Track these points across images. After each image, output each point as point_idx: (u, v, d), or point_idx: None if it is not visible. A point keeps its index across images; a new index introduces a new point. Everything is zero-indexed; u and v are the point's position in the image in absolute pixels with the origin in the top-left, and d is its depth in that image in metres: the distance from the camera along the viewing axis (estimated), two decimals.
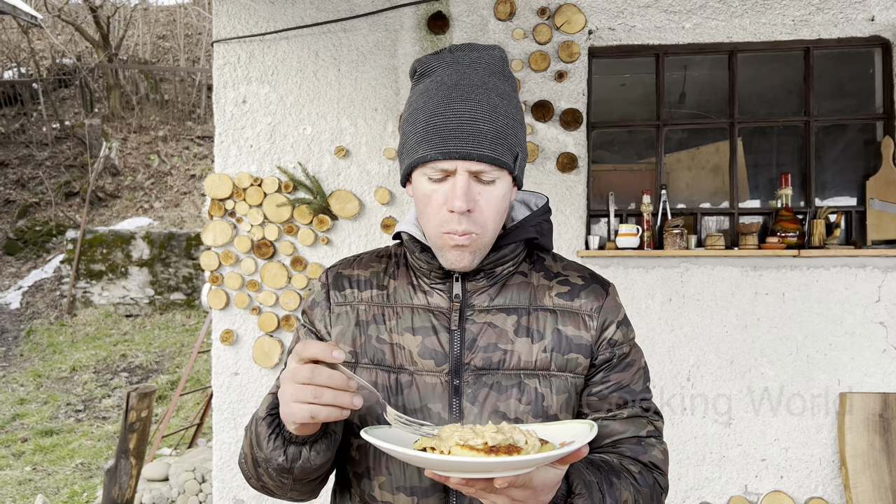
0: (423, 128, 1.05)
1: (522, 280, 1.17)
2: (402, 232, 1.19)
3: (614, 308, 1.18)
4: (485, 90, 1.06)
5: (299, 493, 1.10)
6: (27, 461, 5.83)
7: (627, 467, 1.09)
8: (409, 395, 1.09)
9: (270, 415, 1.01)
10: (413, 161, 1.07)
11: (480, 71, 1.08)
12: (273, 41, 3.61)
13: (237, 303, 3.61)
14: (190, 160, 12.20)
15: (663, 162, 3.63)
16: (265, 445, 1.01)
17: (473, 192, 1.05)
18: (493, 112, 1.05)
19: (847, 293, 3.36)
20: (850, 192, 3.64)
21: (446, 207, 1.05)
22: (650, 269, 3.46)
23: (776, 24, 3.42)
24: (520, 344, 1.11)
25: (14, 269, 10.62)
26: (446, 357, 1.11)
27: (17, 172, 11.97)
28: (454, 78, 1.07)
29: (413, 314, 1.14)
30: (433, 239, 1.10)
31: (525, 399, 1.09)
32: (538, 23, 3.47)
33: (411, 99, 1.12)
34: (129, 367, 8.12)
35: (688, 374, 3.44)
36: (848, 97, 3.70)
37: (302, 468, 1.01)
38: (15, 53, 14.36)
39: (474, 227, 1.06)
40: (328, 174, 3.59)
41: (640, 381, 1.18)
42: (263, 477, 1.07)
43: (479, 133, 1.03)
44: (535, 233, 1.17)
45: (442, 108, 1.04)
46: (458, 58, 1.09)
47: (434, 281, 1.15)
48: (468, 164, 1.03)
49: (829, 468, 3.39)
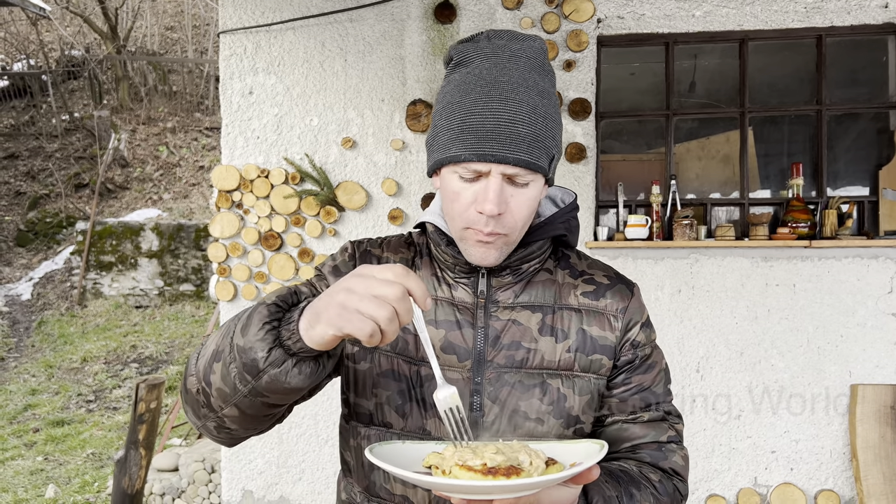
0: (458, 125, 1.00)
1: (548, 277, 1.15)
2: (426, 223, 1.16)
3: (639, 309, 1.16)
4: (525, 88, 1.00)
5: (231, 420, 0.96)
6: (39, 451, 5.87)
7: (647, 475, 1.07)
8: (428, 388, 1.07)
9: (278, 305, 0.90)
10: (445, 158, 1.02)
11: (521, 66, 1.02)
12: (279, 31, 3.59)
13: (245, 294, 3.61)
14: (198, 151, 12.22)
15: (673, 152, 3.59)
16: (252, 331, 0.87)
17: (506, 194, 1.01)
18: (532, 113, 0.99)
19: (859, 284, 3.32)
20: (863, 182, 3.59)
21: (475, 207, 1.01)
22: (659, 260, 3.43)
23: (788, 11, 3.38)
24: (543, 343, 1.09)
25: (25, 260, 10.68)
26: (469, 353, 1.09)
27: (28, 164, 12.02)
28: (493, 73, 1.01)
29: (437, 307, 1.12)
30: (457, 233, 1.07)
31: (547, 399, 1.07)
32: (546, 11, 3.44)
33: (446, 89, 1.06)
34: (139, 358, 8.16)
35: (697, 365, 3.42)
36: (861, 85, 3.65)
37: (271, 379, 0.86)
38: (24, 45, 14.40)
39: (502, 229, 1.03)
40: (335, 165, 3.58)
41: (661, 383, 1.16)
42: (212, 376, 0.92)
43: (518, 136, 0.98)
44: (563, 230, 1.15)
45: (479, 107, 0.99)
46: (496, 48, 1.03)
47: (458, 275, 1.12)
48: (503, 168, 0.99)
49: (839, 460, 3.36)
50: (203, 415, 0.98)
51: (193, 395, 0.97)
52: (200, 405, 0.97)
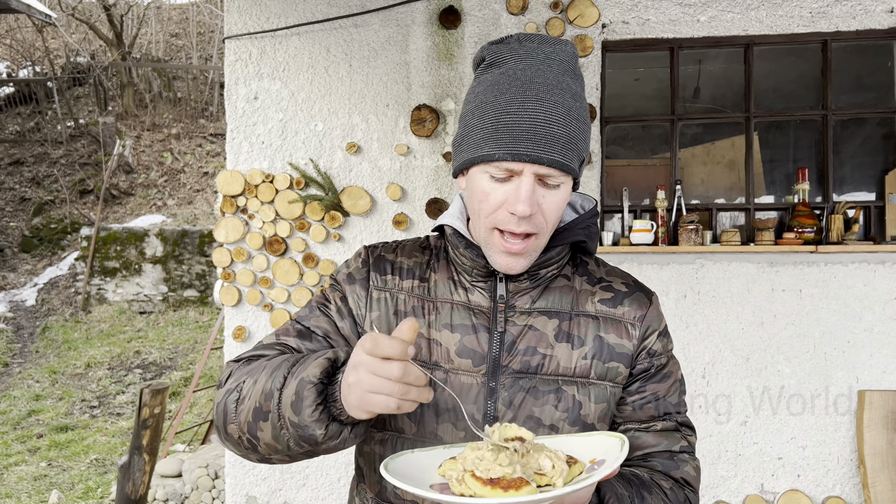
0: (491, 124, 1.00)
1: (565, 284, 1.15)
2: (445, 225, 1.16)
3: (657, 318, 1.15)
4: (560, 91, 1.01)
5: (290, 459, 1.02)
6: (42, 457, 5.87)
7: (659, 482, 1.07)
8: (442, 393, 1.06)
9: (323, 382, 0.93)
10: (477, 157, 1.02)
11: (555, 68, 1.03)
12: (284, 37, 3.60)
13: (249, 299, 3.61)
14: (203, 158, 12.25)
15: (678, 157, 3.59)
16: (306, 413, 0.91)
17: (537, 195, 1.01)
18: (567, 115, 1.00)
19: (866, 289, 3.31)
20: (869, 187, 3.58)
21: (506, 208, 1.01)
22: (664, 265, 3.42)
23: (793, 16, 3.37)
24: (560, 349, 1.09)
25: (30, 266, 10.71)
26: (484, 358, 1.08)
27: (33, 170, 12.06)
28: (528, 74, 1.01)
29: (452, 310, 1.11)
30: (483, 236, 1.06)
31: (562, 406, 1.07)
32: (551, 16, 3.44)
33: (478, 90, 1.05)
34: (142, 364, 8.16)
35: (703, 371, 3.40)
36: (866, 90, 3.64)
37: (331, 445, 0.95)
38: (30, 52, 14.47)
39: (533, 229, 1.02)
40: (340, 170, 3.58)
41: (675, 393, 1.15)
42: (259, 433, 0.97)
43: (553, 137, 0.98)
44: (583, 236, 1.13)
45: (514, 107, 0.99)
46: (529, 50, 1.03)
47: (476, 279, 1.12)
48: (536, 168, 0.99)
49: (847, 467, 3.34)
50: (247, 454, 1.04)
51: (236, 439, 1.02)
52: (245, 447, 1.02)
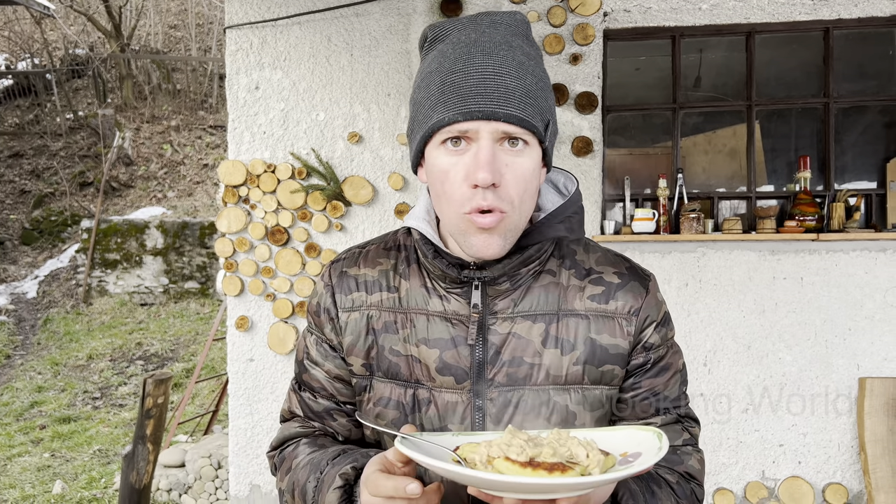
0: (437, 89, 0.90)
1: (550, 280, 1.02)
2: (412, 228, 1.05)
3: (655, 306, 1.04)
4: (509, 48, 0.91)
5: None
6: (46, 448, 5.89)
7: (665, 477, 1.01)
8: (427, 413, 1.00)
9: (343, 489, 0.94)
10: (427, 129, 0.91)
11: (502, 30, 0.94)
12: (285, 26, 3.59)
13: (252, 289, 3.62)
14: (202, 149, 12.23)
15: (679, 146, 3.59)
16: None
17: (499, 162, 0.89)
18: (520, 69, 0.90)
19: (867, 277, 3.31)
20: (870, 175, 3.58)
21: (468, 182, 0.89)
22: (666, 253, 3.43)
23: (794, 4, 3.37)
24: (548, 356, 0.99)
25: (30, 258, 10.71)
26: (467, 374, 0.99)
27: (32, 163, 12.05)
28: (473, 36, 0.92)
29: (428, 322, 1.01)
30: (454, 223, 0.94)
31: (555, 418, 0.98)
32: (553, 5, 3.43)
33: (422, 66, 0.97)
34: (144, 355, 8.18)
35: (704, 359, 3.42)
36: (868, 78, 3.64)
37: None
38: (28, 44, 14.42)
39: (501, 204, 0.89)
40: (341, 160, 3.58)
41: (675, 385, 1.06)
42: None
43: (506, 89, 0.88)
44: (564, 231, 1.01)
45: (460, 65, 0.89)
46: (474, 19, 0.96)
47: (450, 286, 1.01)
48: (493, 126, 0.88)
49: (847, 453, 3.36)
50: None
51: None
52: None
